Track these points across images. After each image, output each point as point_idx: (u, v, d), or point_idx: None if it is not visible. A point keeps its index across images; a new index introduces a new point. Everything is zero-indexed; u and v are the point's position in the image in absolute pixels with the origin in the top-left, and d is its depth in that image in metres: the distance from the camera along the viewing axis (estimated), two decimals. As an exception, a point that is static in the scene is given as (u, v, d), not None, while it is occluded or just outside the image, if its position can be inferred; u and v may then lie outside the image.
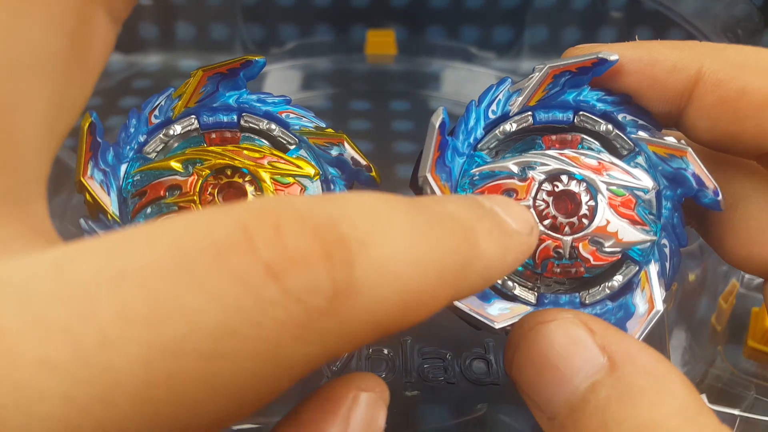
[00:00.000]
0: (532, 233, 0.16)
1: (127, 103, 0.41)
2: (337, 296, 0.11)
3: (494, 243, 0.14)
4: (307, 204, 0.11)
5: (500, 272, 0.15)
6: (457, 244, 0.13)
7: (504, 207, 0.15)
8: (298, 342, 0.11)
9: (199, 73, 0.20)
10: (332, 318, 0.11)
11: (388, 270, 0.11)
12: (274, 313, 0.10)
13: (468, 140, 0.20)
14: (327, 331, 0.11)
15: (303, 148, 0.21)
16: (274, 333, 0.10)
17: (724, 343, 0.29)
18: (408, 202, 0.13)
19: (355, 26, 0.44)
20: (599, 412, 0.15)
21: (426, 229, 0.13)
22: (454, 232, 0.13)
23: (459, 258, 0.13)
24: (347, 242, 0.11)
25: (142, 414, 0.10)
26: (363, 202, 0.12)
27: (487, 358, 0.26)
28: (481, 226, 0.14)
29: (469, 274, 0.13)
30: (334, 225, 0.11)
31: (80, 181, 0.19)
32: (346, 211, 0.12)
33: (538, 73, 0.19)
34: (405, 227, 0.12)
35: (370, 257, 0.11)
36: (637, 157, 0.20)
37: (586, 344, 0.16)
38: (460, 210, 0.14)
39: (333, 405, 0.16)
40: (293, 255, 0.11)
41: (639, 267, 0.20)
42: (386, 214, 0.12)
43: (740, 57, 0.18)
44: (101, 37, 0.15)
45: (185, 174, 0.20)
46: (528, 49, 0.44)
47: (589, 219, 0.19)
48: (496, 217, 0.15)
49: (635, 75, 0.19)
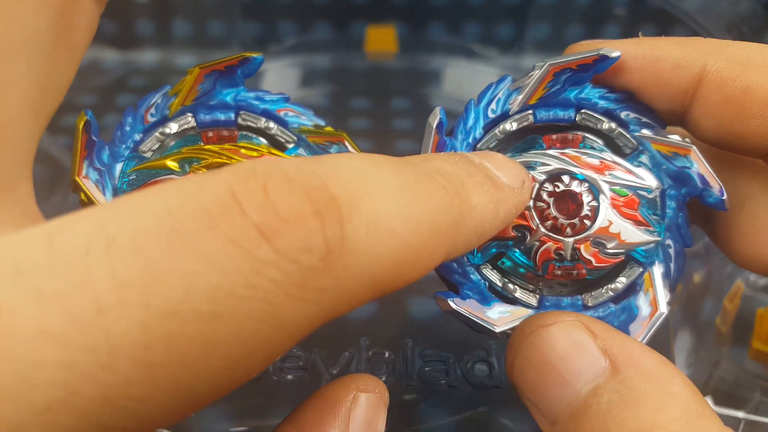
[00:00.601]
0: (523, 186, 0.16)
1: (123, 101, 0.41)
2: (330, 254, 0.11)
3: (486, 197, 0.14)
4: (295, 165, 0.12)
5: (493, 227, 0.15)
6: (448, 199, 0.13)
7: (494, 162, 0.16)
8: (295, 301, 0.11)
9: (196, 70, 0.20)
10: (327, 276, 0.11)
11: (380, 226, 0.12)
12: (268, 273, 0.10)
13: (467, 140, 0.19)
14: (323, 289, 0.11)
15: (302, 146, 0.21)
16: (270, 293, 0.10)
17: (729, 345, 0.29)
18: (396, 161, 0.13)
19: (354, 23, 0.44)
20: (601, 416, 0.15)
21: (415, 185, 0.13)
22: (444, 187, 0.13)
23: (451, 213, 0.13)
24: (337, 201, 0.11)
25: (142, 377, 0.10)
26: (351, 162, 0.12)
27: (489, 361, 0.26)
28: (472, 180, 0.14)
29: (462, 228, 0.14)
30: (323, 185, 0.11)
31: (75, 180, 0.18)
32: (335, 170, 0.12)
33: (538, 70, 0.19)
34: (394, 184, 0.12)
35: (361, 214, 0.11)
36: (640, 156, 0.20)
37: (587, 347, 0.16)
38: (449, 166, 0.14)
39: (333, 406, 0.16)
40: (284, 215, 0.11)
41: (643, 268, 0.19)
42: (375, 172, 0.12)
43: (744, 54, 0.18)
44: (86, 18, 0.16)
45: (182, 173, 0.20)
46: (530, 47, 0.44)
47: (591, 220, 0.19)
48: (487, 172, 0.15)
49: (638, 72, 0.19)
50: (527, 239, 0.19)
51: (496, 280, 0.19)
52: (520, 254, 0.19)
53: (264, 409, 0.25)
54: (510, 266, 0.19)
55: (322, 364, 0.25)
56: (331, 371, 0.25)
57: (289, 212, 0.11)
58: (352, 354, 0.26)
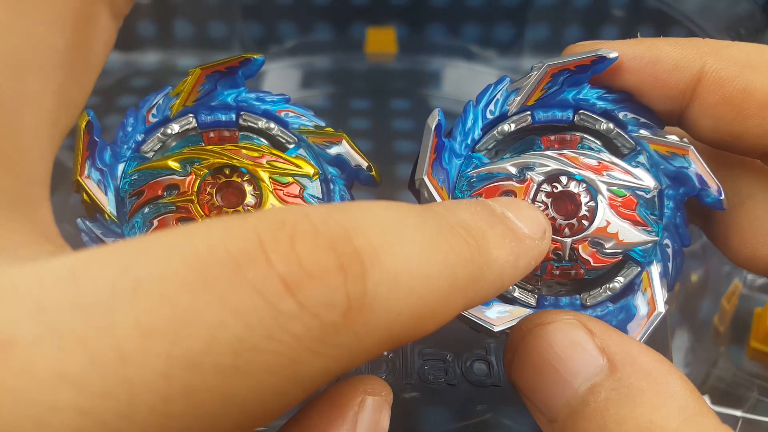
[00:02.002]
0: (544, 237, 0.16)
1: (125, 101, 0.41)
2: (351, 310, 0.11)
3: (506, 250, 0.14)
4: (321, 215, 0.11)
5: (512, 279, 0.15)
6: (469, 254, 0.13)
7: (515, 211, 0.15)
8: (313, 356, 0.11)
9: (197, 71, 0.20)
10: (346, 332, 0.11)
11: (401, 283, 0.11)
12: (290, 327, 0.10)
13: (466, 141, 0.19)
14: (341, 344, 0.11)
15: (302, 147, 0.21)
16: (291, 347, 0.10)
17: (727, 344, 0.29)
18: (419, 211, 0.13)
19: (355, 24, 0.44)
20: (599, 414, 0.15)
21: (438, 239, 0.13)
22: (466, 241, 0.13)
23: (471, 267, 0.13)
24: (360, 255, 0.11)
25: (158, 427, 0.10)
26: (376, 213, 0.12)
27: (488, 360, 0.26)
28: (493, 232, 0.14)
29: (482, 282, 0.13)
30: (347, 237, 0.11)
31: (77, 180, 0.18)
32: (360, 222, 0.12)
33: (536, 71, 0.19)
34: (416, 238, 0.12)
35: (383, 270, 0.11)
36: (638, 156, 0.20)
37: (585, 346, 0.16)
38: (470, 217, 0.14)
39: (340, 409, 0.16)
40: (309, 269, 0.11)
41: (641, 268, 0.19)
42: (398, 224, 0.12)
43: (743, 55, 0.18)
44: (103, 34, 0.15)
45: (183, 173, 0.20)
46: (530, 48, 0.44)
47: (589, 220, 0.19)
48: (508, 222, 0.15)
49: (636, 73, 0.19)
50: (526, 239, 0.19)
51: (495, 279, 0.19)
52: (518, 254, 0.19)
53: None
54: (509, 266, 0.20)
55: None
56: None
57: (314, 266, 0.11)
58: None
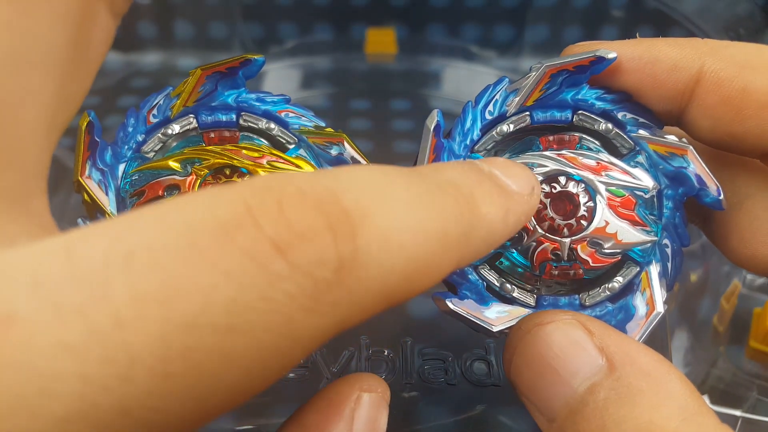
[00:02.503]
0: (533, 193, 0.16)
1: (126, 102, 0.41)
2: (342, 267, 0.11)
3: (495, 206, 0.15)
4: (308, 180, 0.12)
5: (502, 235, 0.15)
6: (458, 210, 0.13)
7: (503, 168, 0.16)
8: (309, 314, 0.11)
9: (197, 72, 0.20)
10: (339, 289, 0.11)
11: (392, 240, 0.12)
12: (283, 286, 0.11)
13: (465, 142, 0.19)
14: (336, 302, 0.11)
15: (302, 147, 0.21)
16: (285, 306, 0.11)
17: (726, 344, 0.29)
18: (406, 172, 0.13)
19: (354, 25, 0.44)
20: (598, 414, 0.15)
21: (426, 197, 0.13)
22: (454, 198, 0.13)
23: (461, 223, 0.13)
24: (349, 214, 0.11)
25: (160, 388, 0.10)
26: (363, 175, 0.13)
27: (488, 359, 0.26)
28: (481, 189, 0.14)
29: (472, 238, 0.14)
30: (335, 199, 0.12)
31: (78, 180, 0.18)
32: (347, 184, 0.12)
33: (535, 72, 0.19)
34: (404, 196, 0.13)
35: (373, 228, 0.12)
36: (637, 156, 0.20)
37: (584, 346, 0.16)
38: (458, 176, 0.14)
39: (337, 407, 0.16)
40: (298, 230, 0.11)
41: (640, 268, 0.19)
42: (386, 184, 0.13)
43: (742, 55, 0.18)
44: (102, 31, 0.15)
45: (184, 173, 0.20)
46: (529, 48, 0.44)
47: (588, 220, 0.19)
48: (496, 180, 0.15)
49: (635, 73, 0.19)
50: (524, 240, 0.19)
51: (494, 280, 0.19)
52: (517, 255, 0.19)
53: (267, 408, 0.25)
54: (508, 266, 0.20)
55: (322, 363, 0.25)
56: (331, 369, 0.25)
57: (302, 226, 0.11)
58: (352, 352, 0.26)
